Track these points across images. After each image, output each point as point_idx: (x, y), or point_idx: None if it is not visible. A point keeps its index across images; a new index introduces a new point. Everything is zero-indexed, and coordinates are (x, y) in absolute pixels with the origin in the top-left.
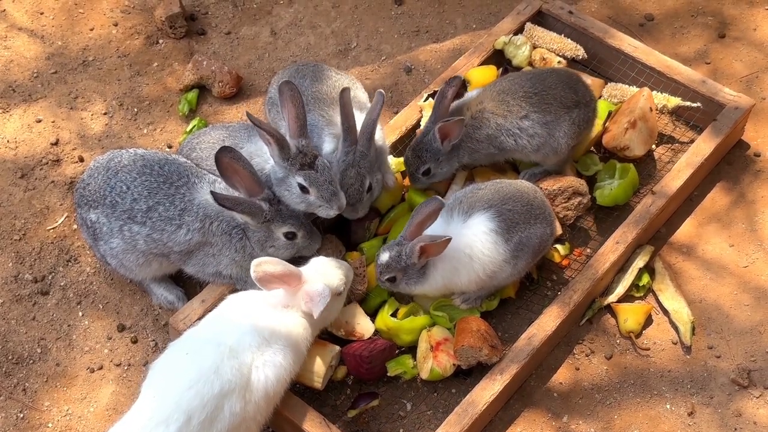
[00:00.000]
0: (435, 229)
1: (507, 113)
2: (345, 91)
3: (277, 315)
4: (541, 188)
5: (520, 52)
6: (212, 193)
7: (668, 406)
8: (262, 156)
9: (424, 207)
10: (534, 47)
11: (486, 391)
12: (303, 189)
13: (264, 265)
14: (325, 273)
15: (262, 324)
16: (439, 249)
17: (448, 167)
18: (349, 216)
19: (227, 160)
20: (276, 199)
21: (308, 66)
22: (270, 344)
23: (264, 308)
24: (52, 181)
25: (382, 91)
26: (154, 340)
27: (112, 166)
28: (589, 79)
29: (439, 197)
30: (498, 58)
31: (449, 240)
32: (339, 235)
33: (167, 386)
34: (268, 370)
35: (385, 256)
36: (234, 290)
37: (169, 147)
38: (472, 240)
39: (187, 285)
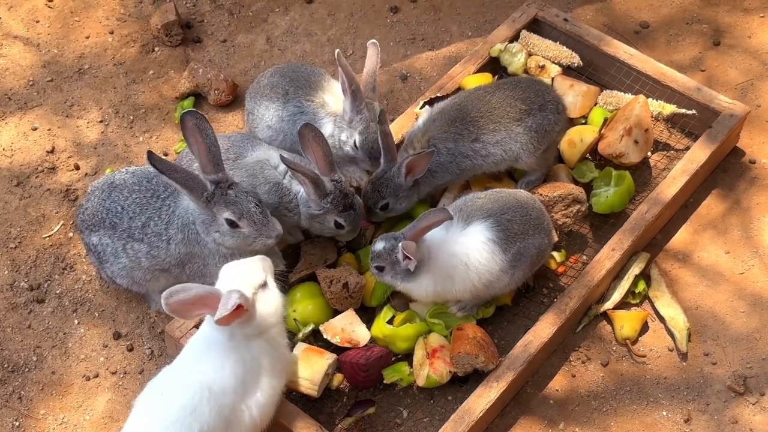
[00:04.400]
0: (434, 235)
1: (458, 137)
2: (339, 54)
3: (243, 347)
4: (540, 195)
5: (515, 60)
6: (149, 152)
7: (664, 413)
8: (273, 165)
9: (432, 215)
10: (529, 55)
11: (482, 399)
12: (339, 226)
13: (176, 295)
14: (235, 276)
15: (231, 364)
16: (410, 263)
17: (407, 202)
18: (372, 169)
19: (191, 125)
20: (227, 184)
21: (275, 72)
22: (247, 385)
23: (228, 344)
24: (48, 189)
25: (375, 41)
26: (150, 348)
27: (106, 188)
28: (584, 86)
29: (448, 210)
30: (494, 66)
31: (414, 263)
32: (334, 240)
33: (147, 425)
34: (254, 410)
35: (379, 246)
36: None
37: (165, 155)
38: (469, 248)
39: None
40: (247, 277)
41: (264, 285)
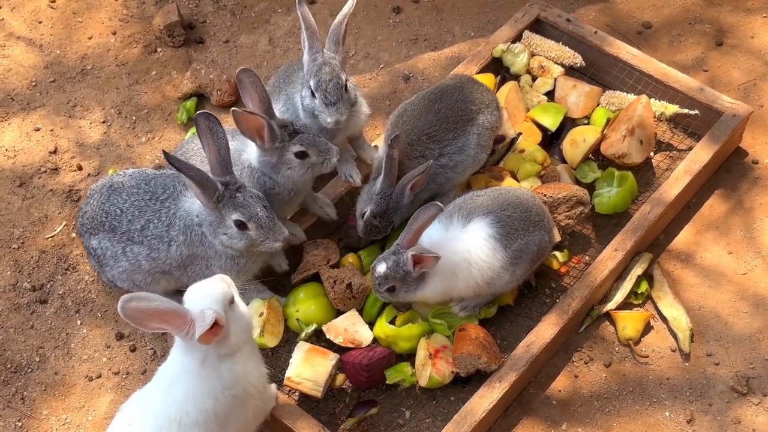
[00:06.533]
0: (434, 234)
1: (422, 159)
2: (300, 3)
3: (214, 376)
4: (544, 195)
5: (518, 60)
6: (164, 151)
7: (667, 414)
8: (248, 152)
9: (423, 213)
10: (532, 55)
11: (485, 399)
12: (301, 155)
13: (136, 302)
14: (202, 297)
15: (201, 395)
16: (429, 262)
17: (405, 214)
18: (333, 118)
19: (204, 126)
20: (236, 187)
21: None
22: (219, 417)
23: (199, 372)
24: (51, 190)
25: None
26: (152, 349)
27: (104, 191)
28: (587, 87)
29: (438, 203)
30: (496, 66)
31: (438, 258)
32: (337, 240)
33: None
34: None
35: (382, 268)
36: None
37: None
38: (471, 246)
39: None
40: (214, 295)
41: (232, 302)
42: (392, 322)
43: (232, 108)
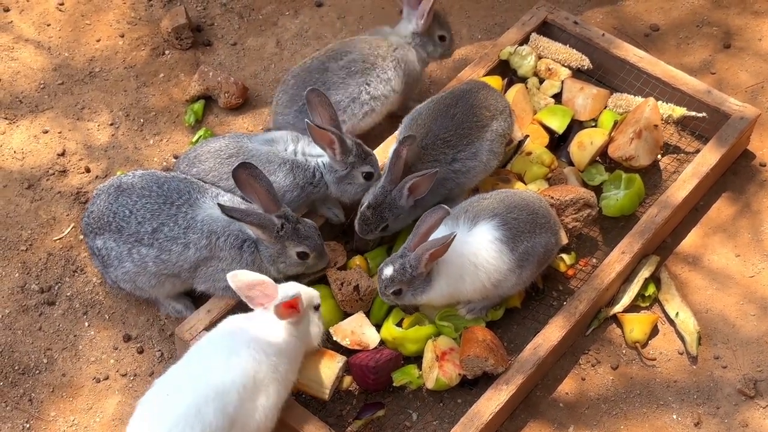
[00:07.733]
0: (440, 237)
1: (435, 163)
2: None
3: (263, 343)
4: (551, 198)
5: (525, 63)
6: (220, 205)
7: (675, 417)
8: (281, 148)
9: (429, 216)
10: (539, 57)
11: (492, 402)
12: (369, 176)
13: (240, 275)
14: (294, 286)
15: (246, 359)
16: (446, 249)
17: (404, 222)
18: None
19: (245, 176)
20: (295, 220)
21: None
22: (258, 387)
23: (247, 340)
24: (59, 192)
25: None
26: (160, 351)
27: (112, 191)
28: (594, 89)
29: (445, 206)
30: (503, 69)
31: (454, 236)
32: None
33: (150, 428)
34: (260, 413)
35: (389, 270)
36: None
37: (176, 157)
38: (478, 248)
39: (191, 293)
40: (305, 291)
41: (317, 309)
42: (399, 324)
43: (306, 120)
